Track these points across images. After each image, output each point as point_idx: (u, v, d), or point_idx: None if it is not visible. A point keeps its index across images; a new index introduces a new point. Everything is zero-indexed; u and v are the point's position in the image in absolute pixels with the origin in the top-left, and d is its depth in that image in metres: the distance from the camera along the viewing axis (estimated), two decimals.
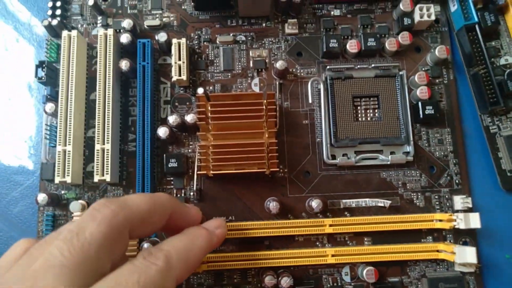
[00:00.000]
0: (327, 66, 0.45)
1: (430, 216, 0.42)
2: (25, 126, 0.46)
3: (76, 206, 0.40)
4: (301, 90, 0.45)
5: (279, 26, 0.47)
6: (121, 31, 0.44)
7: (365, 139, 0.43)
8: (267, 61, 0.46)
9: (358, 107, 0.44)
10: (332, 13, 0.47)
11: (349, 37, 0.47)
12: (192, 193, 0.43)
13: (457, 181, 0.44)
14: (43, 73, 0.42)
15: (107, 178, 0.39)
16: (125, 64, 0.42)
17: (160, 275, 0.27)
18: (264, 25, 0.47)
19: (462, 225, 0.40)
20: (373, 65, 0.45)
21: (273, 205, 0.41)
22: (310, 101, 0.45)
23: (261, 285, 0.40)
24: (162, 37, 0.43)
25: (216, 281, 0.41)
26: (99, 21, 0.46)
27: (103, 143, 0.40)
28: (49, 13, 0.45)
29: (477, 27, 0.45)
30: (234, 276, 0.42)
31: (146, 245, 0.39)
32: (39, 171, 0.43)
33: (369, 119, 0.44)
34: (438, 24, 0.47)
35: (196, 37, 0.46)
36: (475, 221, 0.40)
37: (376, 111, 0.44)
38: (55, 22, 0.44)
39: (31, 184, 0.44)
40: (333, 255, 0.41)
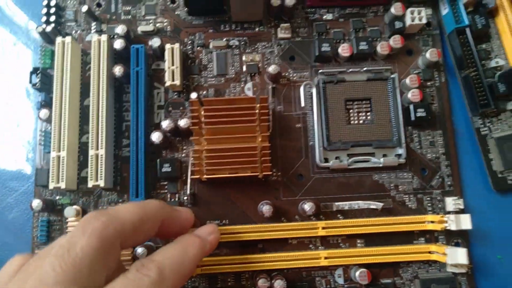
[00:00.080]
0: (320, 70, 0.45)
1: (422, 217, 0.42)
2: (22, 131, 0.46)
3: (70, 211, 0.40)
4: (294, 94, 0.46)
5: (272, 30, 0.47)
6: (115, 37, 0.45)
7: (357, 142, 0.44)
8: (260, 65, 0.46)
9: (350, 110, 0.45)
10: (324, 17, 0.48)
11: (341, 41, 0.47)
12: (186, 197, 0.43)
13: (449, 183, 0.44)
14: (37, 80, 0.43)
15: (101, 183, 0.40)
16: (118, 69, 0.42)
17: (153, 287, 0.27)
18: (257, 29, 0.47)
19: (453, 227, 0.41)
20: (365, 69, 0.45)
21: (266, 208, 0.41)
22: (303, 104, 0.45)
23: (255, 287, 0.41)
24: (155, 42, 0.44)
25: (210, 285, 0.42)
26: (93, 27, 0.46)
27: (97, 149, 0.40)
28: (43, 19, 0.45)
29: (467, 30, 0.46)
30: (228, 279, 0.42)
31: (140, 250, 0.40)
32: (34, 177, 0.44)
33: (361, 122, 0.45)
34: (429, 27, 0.48)
35: (189, 42, 0.46)
36: (466, 223, 0.41)
37: (368, 114, 0.45)
38: (49, 28, 0.44)
39: (26, 190, 0.45)
40: (326, 258, 0.41)
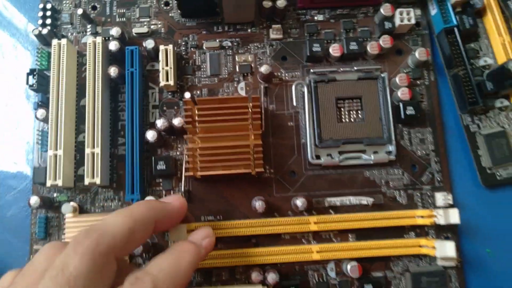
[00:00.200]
0: (311, 69, 0.46)
1: (412, 212, 0.43)
2: (21, 132, 0.47)
3: (67, 208, 0.41)
4: (286, 93, 0.47)
5: (264, 31, 0.48)
6: (109, 38, 0.46)
7: (348, 139, 0.44)
8: (252, 65, 0.47)
9: (341, 109, 0.46)
10: (315, 18, 0.49)
11: (332, 41, 0.48)
12: (180, 194, 0.44)
13: (439, 179, 0.45)
14: (34, 81, 0.43)
15: (97, 180, 0.40)
16: (113, 70, 0.43)
17: None
18: (249, 31, 0.48)
19: (442, 221, 0.41)
20: (356, 68, 0.46)
21: (259, 204, 0.42)
22: (294, 103, 0.46)
23: (249, 281, 0.42)
24: (149, 44, 0.45)
25: (205, 279, 0.42)
26: (88, 30, 0.47)
27: (93, 147, 0.41)
28: (40, 22, 0.46)
29: (456, 30, 0.47)
30: (222, 273, 0.43)
31: None
32: (32, 175, 0.44)
33: (352, 120, 0.46)
34: (419, 27, 0.49)
35: (183, 43, 0.47)
36: (454, 217, 0.41)
37: (359, 112, 0.46)
38: (45, 31, 0.45)
39: (24, 188, 0.45)
40: (318, 252, 0.42)
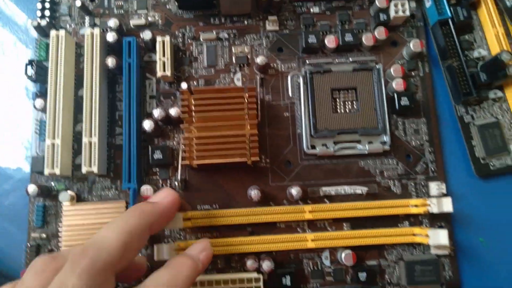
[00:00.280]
0: (307, 61, 0.47)
1: (406, 201, 0.43)
2: (20, 123, 0.47)
3: (65, 196, 0.42)
4: (282, 84, 0.47)
5: (260, 23, 0.48)
6: (107, 30, 0.46)
7: (343, 129, 0.45)
8: (249, 57, 0.48)
9: (336, 100, 0.46)
10: (311, 10, 0.49)
11: (327, 33, 0.48)
12: (177, 183, 0.44)
13: (433, 169, 0.46)
14: (33, 71, 0.44)
15: (95, 169, 0.41)
16: (111, 61, 0.44)
17: None
18: (245, 22, 0.48)
19: (435, 209, 0.42)
20: (351, 60, 0.47)
21: (254, 193, 0.43)
22: (290, 94, 0.46)
23: (244, 269, 0.42)
24: (146, 35, 0.45)
25: None
26: (86, 21, 0.48)
27: (90, 136, 0.42)
28: (38, 14, 0.47)
29: (450, 21, 0.47)
30: (218, 261, 0.43)
31: None
32: (30, 164, 0.45)
33: (347, 110, 0.46)
34: (414, 19, 0.49)
35: (180, 35, 0.48)
36: (447, 205, 0.42)
37: (354, 103, 0.46)
38: (44, 22, 0.45)
39: (22, 177, 0.46)
40: (313, 240, 0.42)
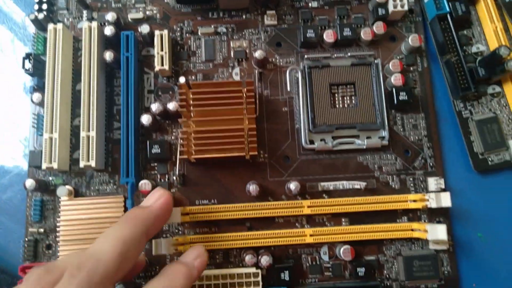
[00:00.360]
0: (305, 55, 0.47)
1: (404, 197, 0.43)
2: (19, 123, 0.47)
3: (63, 191, 0.42)
4: (280, 78, 0.47)
5: (259, 17, 0.48)
6: (105, 24, 0.46)
7: (342, 124, 0.45)
8: (247, 51, 0.47)
9: (335, 94, 0.46)
10: (310, 4, 0.49)
11: (326, 27, 0.48)
12: (175, 178, 0.44)
13: (431, 164, 0.46)
14: (30, 65, 0.44)
15: (92, 163, 0.41)
16: (109, 55, 0.43)
17: None
18: (244, 17, 0.48)
19: (433, 204, 0.42)
20: (349, 54, 0.47)
21: (253, 188, 0.43)
22: (288, 89, 0.46)
23: (243, 264, 0.42)
24: (144, 29, 0.45)
25: None
26: (84, 15, 0.48)
27: (88, 131, 0.41)
28: (36, 7, 0.46)
29: (448, 16, 0.47)
30: (216, 256, 0.43)
31: None
32: (28, 159, 0.44)
33: (346, 105, 0.46)
34: (412, 14, 0.49)
35: (178, 29, 0.48)
36: (446, 200, 0.42)
37: (352, 98, 0.46)
38: (41, 16, 0.45)
39: (19, 171, 0.46)
40: (312, 235, 0.42)
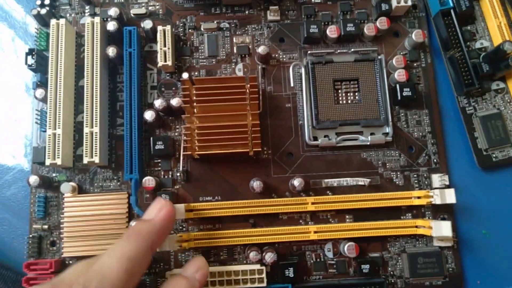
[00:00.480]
0: (308, 51, 0.46)
1: (408, 193, 0.43)
2: (22, 120, 0.47)
3: (66, 187, 0.41)
4: (284, 74, 0.47)
5: (262, 13, 0.48)
6: (108, 19, 0.45)
7: (345, 121, 0.45)
8: (250, 47, 0.47)
9: (338, 90, 0.46)
10: (312, 0, 0.49)
11: (329, 23, 0.48)
12: (178, 174, 0.44)
13: (435, 160, 0.46)
14: (33, 60, 0.43)
15: (96, 160, 0.41)
16: (112, 50, 0.43)
17: None
18: (247, 12, 0.48)
19: (438, 201, 0.42)
20: (353, 50, 0.46)
21: (257, 184, 0.43)
22: (292, 85, 0.46)
23: (247, 261, 0.42)
24: (147, 24, 0.45)
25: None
26: (87, 10, 0.47)
27: (92, 126, 0.41)
28: (38, 2, 0.46)
29: (452, 12, 0.47)
30: (220, 253, 0.43)
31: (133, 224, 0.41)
32: (31, 156, 0.44)
33: (349, 101, 0.46)
34: (416, 10, 0.49)
35: (181, 24, 0.48)
36: (450, 197, 0.42)
37: (356, 94, 0.46)
38: (44, 11, 0.45)
39: (23, 168, 0.46)
40: (316, 232, 0.42)
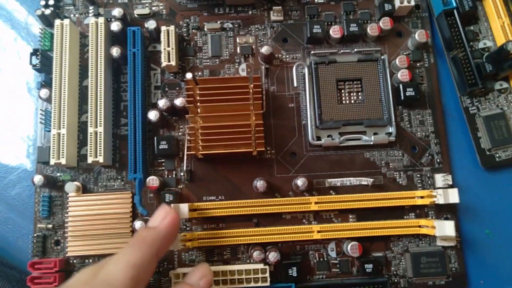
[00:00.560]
0: (312, 51, 0.47)
1: (412, 193, 0.43)
2: (25, 121, 0.47)
3: (71, 187, 0.42)
4: (287, 74, 0.47)
5: (265, 13, 0.48)
6: (112, 19, 0.46)
7: (349, 121, 0.45)
8: (253, 47, 0.47)
9: (342, 90, 0.46)
10: (316, 0, 0.49)
11: (332, 23, 0.48)
12: (182, 174, 0.44)
13: (438, 160, 0.46)
14: (37, 61, 0.44)
15: (100, 159, 0.41)
16: (116, 51, 0.43)
17: None
18: (250, 12, 0.48)
19: (441, 200, 0.42)
20: (356, 50, 0.46)
21: (260, 183, 0.43)
22: (295, 85, 0.46)
23: (250, 260, 0.42)
24: (151, 24, 0.45)
25: (207, 257, 0.43)
26: (90, 11, 0.48)
27: (96, 126, 0.41)
28: (42, 3, 0.46)
29: (455, 12, 0.47)
30: (224, 252, 0.43)
31: (138, 224, 0.41)
32: (35, 155, 0.44)
33: (352, 101, 0.46)
34: (419, 10, 0.49)
35: (184, 25, 0.48)
36: (454, 196, 0.42)
37: (359, 94, 0.46)
38: (48, 11, 0.45)
39: (27, 167, 0.46)
40: (319, 231, 0.42)
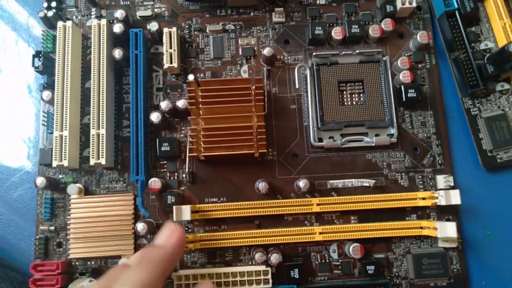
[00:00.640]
0: (313, 52, 0.47)
1: (413, 194, 0.43)
2: (27, 122, 0.47)
3: (73, 189, 0.42)
4: (289, 76, 0.47)
5: (267, 15, 0.48)
6: (114, 21, 0.46)
7: (350, 122, 0.45)
8: (255, 48, 0.47)
9: (343, 92, 0.46)
10: (317, 1, 0.49)
11: (334, 24, 0.48)
12: (184, 176, 0.44)
13: (440, 162, 0.46)
14: (40, 63, 0.44)
15: (102, 161, 0.41)
16: (118, 52, 0.44)
17: None
18: (252, 14, 0.48)
19: (443, 202, 0.42)
20: (358, 51, 0.46)
21: (262, 185, 0.43)
22: (297, 86, 0.46)
23: (252, 262, 0.42)
24: (153, 26, 0.45)
25: (209, 259, 0.43)
26: (93, 13, 0.48)
27: (98, 128, 0.41)
28: (45, 5, 0.46)
29: (457, 13, 0.47)
30: (226, 254, 0.43)
31: (140, 226, 0.41)
32: (37, 157, 0.45)
33: (354, 103, 0.46)
34: (420, 11, 0.49)
35: (186, 26, 0.48)
36: (455, 197, 0.42)
37: (361, 95, 0.46)
38: (50, 13, 0.45)
39: (30, 170, 0.46)
40: (321, 233, 0.42)
